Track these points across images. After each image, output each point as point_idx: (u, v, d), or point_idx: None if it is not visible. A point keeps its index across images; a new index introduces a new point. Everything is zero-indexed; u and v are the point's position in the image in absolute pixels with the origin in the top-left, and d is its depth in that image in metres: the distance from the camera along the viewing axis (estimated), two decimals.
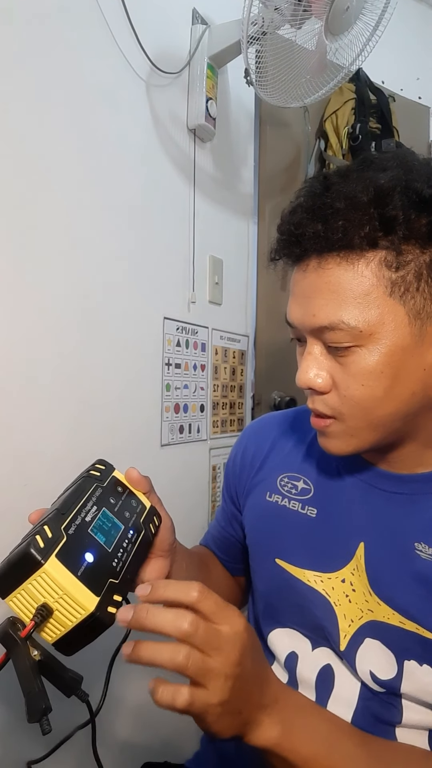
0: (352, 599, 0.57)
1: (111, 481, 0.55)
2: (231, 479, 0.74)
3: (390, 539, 0.55)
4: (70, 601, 0.41)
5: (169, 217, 1.14)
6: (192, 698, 0.40)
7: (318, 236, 0.48)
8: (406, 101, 1.79)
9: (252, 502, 0.69)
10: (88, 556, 0.45)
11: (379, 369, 0.49)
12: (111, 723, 0.98)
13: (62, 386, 0.86)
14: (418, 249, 0.47)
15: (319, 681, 0.58)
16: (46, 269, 0.84)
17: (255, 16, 0.99)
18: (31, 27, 0.81)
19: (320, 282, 0.49)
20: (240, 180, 1.41)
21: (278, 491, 0.66)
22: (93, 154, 0.93)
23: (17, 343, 0.79)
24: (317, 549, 0.60)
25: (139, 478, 0.58)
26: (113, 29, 0.97)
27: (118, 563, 0.48)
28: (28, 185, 0.81)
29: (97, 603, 0.42)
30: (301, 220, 0.50)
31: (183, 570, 0.64)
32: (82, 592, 0.42)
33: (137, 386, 1.04)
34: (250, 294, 1.46)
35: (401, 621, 0.53)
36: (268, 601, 0.65)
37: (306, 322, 0.51)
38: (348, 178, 0.49)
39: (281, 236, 0.52)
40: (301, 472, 0.65)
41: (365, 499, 0.59)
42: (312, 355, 0.52)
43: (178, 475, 1.16)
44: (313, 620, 0.59)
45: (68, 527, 0.45)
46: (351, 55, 1.10)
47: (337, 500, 0.61)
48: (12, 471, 0.77)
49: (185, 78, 1.17)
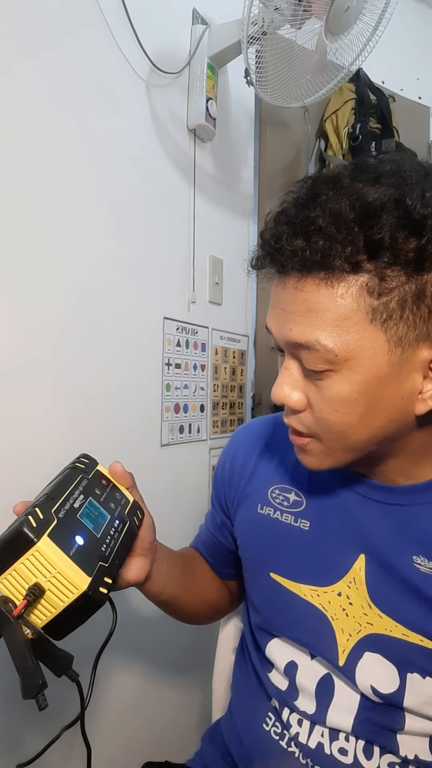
0: (349, 613, 0.56)
1: (95, 474, 0.56)
2: (221, 487, 0.73)
3: (388, 552, 0.54)
4: (63, 579, 0.42)
5: (169, 217, 1.14)
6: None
7: (296, 254, 0.45)
8: (406, 101, 1.79)
9: (243, 514, 0.67)
10: (79, 539, 0.46)
11: (353, 397, 0.46)
12: (111, 722, 0.98)
13: (62, 386, 0.86)
14: (404, 275, 0.43)
15: (319, 690, 0.58)
16: (46, 269, 0.84)
17: (255, 16, 0.99)
18: (31, 27, 0.81)
19: (298, 300, 0.46)
20: (240, 180, 1.41)
21: (270, 503, 0.64)
22: (93, 153, 0.93)
23: (17, 343, 0.79)
24: (312, 562, 0.59)
25: (123, 472, 0.58)
26: (113, 29, 0.97)
27: (107, 548, 0.48)
28: (28, 185, 0.81)
29: (90, 582, 0.43)
30: (281, 233, 0.46)
31: (164, 570, 0.64)
32: (75, 571, 0.42)
33: (137, 386, 1.04)
34: (250, 294, 1.46)
35: (404, 633, 0.52)
36: (264, 614, 0.64)
37: (282, 335, 0.49)
38: (336, 188, 0.46)
39: (262, 245, 0.49)
40: (292, 484, 0.64)
41: (359, 511, 0.57)
42: (288, 371, 0.50)
43: (177, 475, 1.15)
44: (310, 635, 0.58)
45: (58, 511, 0.46)
46: (351, 55, 1.10)
47: (330, 512, 0.59)
48: (12, 471, 0.77)
49: (185, 78, 1.17)
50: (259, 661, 0.66)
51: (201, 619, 0.78)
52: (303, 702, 0.59)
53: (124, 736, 1.01)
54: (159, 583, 0.64)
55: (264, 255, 0.49)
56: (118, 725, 1.00)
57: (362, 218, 0.43)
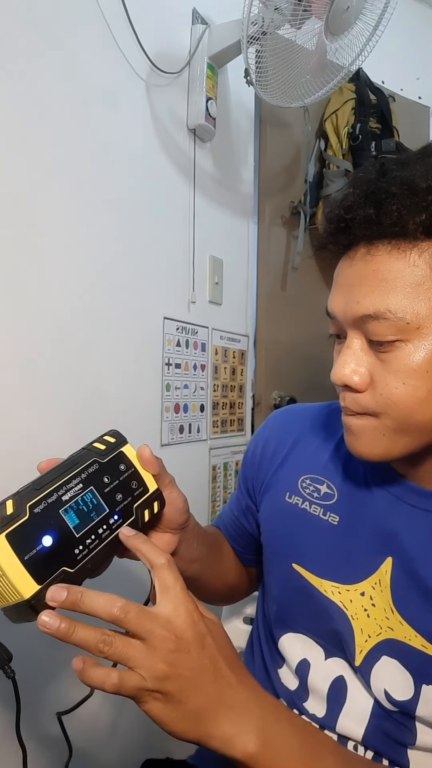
0: (370, 614, 0.54)
1: (115, 457, 0.51)
2: (249, 471, 0.70)
3: (418, 558, 0.52)
4: (7, 583, 0.41)
5: (169, 217, 1.14)
6: (121, 681, 0.39)
7: (369, 221, 0.45)
8: (406, 101, 1.79)
9: (270, 500, 0.65)
10: (46, 540, 0.43)
11: (424, 367, 0.45)
12: (112, 719, 0.99)
13: (62, 386, 0.86)
14: None
15: (331, 693, 0.56)
16: (46, 269, 0.84)
17: (255, 16, 0.99)
18: (31, 27, 0.81)
19: (367, 270, 0.46)
20: (240, 180, 1.41)
21: (299, 493, 0.62)
22: (93, 153, 0.93)
23: (17, 343, 0.79)
24: (337, 559, 0.57)
25: (149, 457, 0.54)
26: (113, 29, 0.97)
27: (82, 551, 0.45)
28: (28, 185, 0.81)
29: (36, 591, 0.41)
30: (352, 204, 0.46)
31: (194, 549, 0.61)
32: (22, 578, 0.41)
33: (137, 386, 1.04)
34: (250, 294, 1.46)
35: (423, 644, 0.51)
36: (282, 604, 0.62)
37: (349, 311, 0.47)
38: (406, 165, 0.46)
39: (329, 224, 0.49)
40: (325, 476, 0.61)
41: (392, 513, 0.55)
42: (351, 349, 0.48)
43: (177, 475, 1.14)
44: (328, 631, 0.57)
45: (36, 505, 0.43)
46: (351, 55, 1.11)
47: (361, 510, 0.57)
48: (11, 471, 0.78)
49: (185, 78, 1.17)
50: (269, 655, 0.64)
51: (217, 600, 0.77)
52: (313, 704, 0.57)
53: (124, 733, 1.01)
54: (184, 561, 0.61)
55: (332, 232, 0.48)
56: (118, 721, 1.00)
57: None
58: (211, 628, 0.44)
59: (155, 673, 0.40)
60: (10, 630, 0.45)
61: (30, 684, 0.74)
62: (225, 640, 0.46)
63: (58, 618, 0.40)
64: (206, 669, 0.42)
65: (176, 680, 0.40)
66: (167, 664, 0.40)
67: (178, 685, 0.41)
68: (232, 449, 1.38)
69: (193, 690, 0.41)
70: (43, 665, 0.81)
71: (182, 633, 0.42)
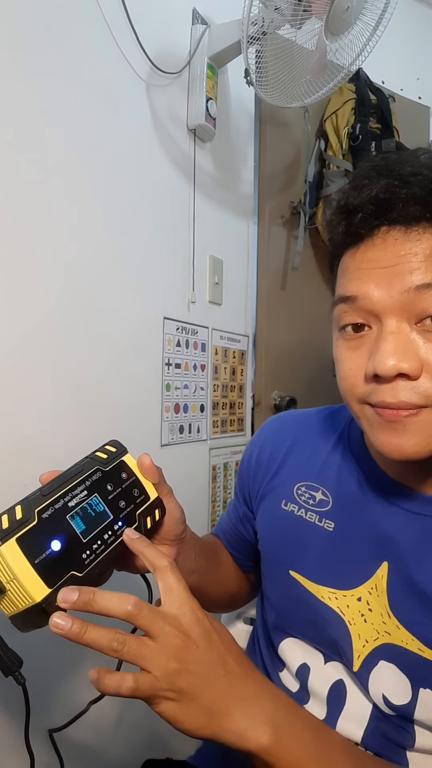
0: (367, 619, 0.54)
1: (116, 466, 0.52)
2: (245, 479, 0.71)
3: (412, 563, 0.52)
4: (18, 587, 0.41)
5: (169, 217, 1.14)
6: (137, 683, 0.40)
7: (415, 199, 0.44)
8: (406, 101, 1.79)
9: (266, 508, 0.66)
10: (55, 545, 0.43)
11: None
12: (112, 719, 0.99)
13: (62, 386, 0.86)
14: None
15: (330, 696, 0.56)
16: (46, 269, 0.84)
17: (255, 16, 0.99)
18: (31, 27, 0.81)
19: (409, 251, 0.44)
20: (240, 180, 1.41)
21: (294, 500, 0.62)
22: (93, 153, 0.93)
23: (17, 343, 0.79)
24: (334, 565, 0.57)
25: (150, 466, 0.54)
26: (113, 29, 0.97)
27: (89, 556, 0.46)
28: (28, 185, 0.81)
29: (46, 595, 0.41)
30: (387, 185, 0.45)
31: (192, 560, 0.62)
32: (33, 581, 0.41)
33: (137, 386, 1.04)
34: (250, 294, 1.46)
35: (420, 648, 0.51)
36: (280, 611, 0.62)
37: (395, 286, 0.44)
38: (409, 158, 0.47)
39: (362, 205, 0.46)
40: (320, 482, 0.61)
41: (386, 517, 0.55)
42: (396, 335, 0.45)
43: (178, 475, 1.16)
44: (326, 636, 0.57)
45: (45, 510, 0.44)
46: (351, 55, 1.11)
47: (356, 515, 0.57)
48: (11, 470, 0.78)
49: (185, 78, 1.17)
50: (270, 659, 0.65)
51: (219, 608, 0.77)
52: (313, 706, 0.58)
53: (125, 733, 1.01)
54: (183, 572, 0.60)
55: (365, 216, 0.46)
56: (119, 721, 1.00)
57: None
58: (216, 625, 0.45)
59: (167, 670, 0.41)
60: (17, 637, 0.45)
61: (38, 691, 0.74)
62: (229, 637, 0.47)
63: (70, 619, 0.40)
64: (215, 664, 0.43)
65: (187, 676, 0.41)
66: (178, 660, 0.41)
67: (190, 682, 0.41)
68: (232, 449, 1.38)
69: (204, 685, 0.42)
70: (51, 672, 0.81)
71: (189, 630, 0.43)
